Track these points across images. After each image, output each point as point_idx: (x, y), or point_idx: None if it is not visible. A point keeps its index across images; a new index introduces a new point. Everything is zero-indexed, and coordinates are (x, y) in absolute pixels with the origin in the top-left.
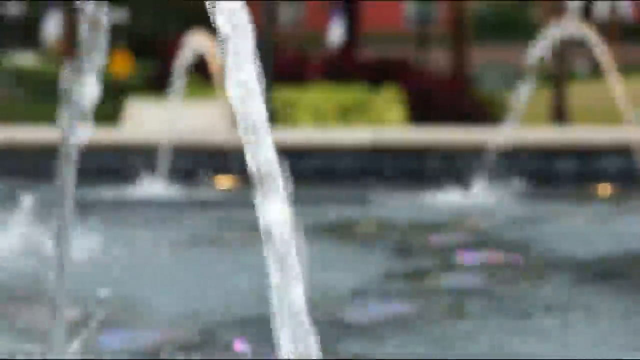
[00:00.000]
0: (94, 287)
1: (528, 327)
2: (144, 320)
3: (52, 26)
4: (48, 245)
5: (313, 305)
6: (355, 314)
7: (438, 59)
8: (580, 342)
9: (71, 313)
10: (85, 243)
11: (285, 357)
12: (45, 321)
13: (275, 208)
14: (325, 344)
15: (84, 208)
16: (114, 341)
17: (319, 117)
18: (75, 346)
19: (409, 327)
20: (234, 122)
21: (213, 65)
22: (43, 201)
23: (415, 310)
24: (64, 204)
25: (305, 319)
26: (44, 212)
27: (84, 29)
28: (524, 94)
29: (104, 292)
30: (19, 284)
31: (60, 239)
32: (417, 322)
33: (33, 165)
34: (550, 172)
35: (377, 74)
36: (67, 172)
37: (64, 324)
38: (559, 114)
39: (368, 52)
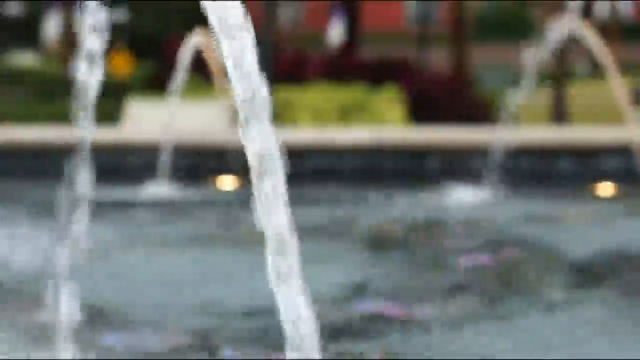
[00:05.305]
0: (97, 286)
1: (528, 326)
2: (143, 322)
3: (52, 26)
4: (52, 245)
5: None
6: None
7: (438, 59)
8: (581, 342)
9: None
10: (86, 242)
11: (287, 357)
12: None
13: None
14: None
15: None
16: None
17: (319, 117)
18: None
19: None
20: (234, 122)
21: (213, 65)
22: (43, 201)
23: (413, 312)
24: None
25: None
26: (45, 212)
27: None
28: (524, 94)
29: (106, 293)
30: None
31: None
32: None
33: (33, 166)
34: (550, 172)
35: (377, 74)
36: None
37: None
38: (559, 114)
39: (368, 52)
